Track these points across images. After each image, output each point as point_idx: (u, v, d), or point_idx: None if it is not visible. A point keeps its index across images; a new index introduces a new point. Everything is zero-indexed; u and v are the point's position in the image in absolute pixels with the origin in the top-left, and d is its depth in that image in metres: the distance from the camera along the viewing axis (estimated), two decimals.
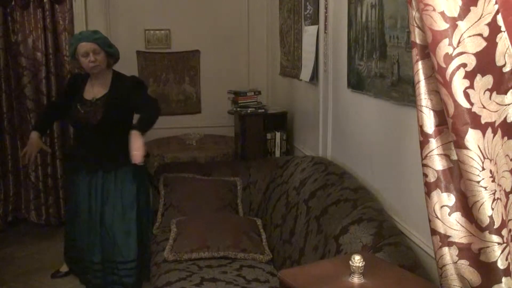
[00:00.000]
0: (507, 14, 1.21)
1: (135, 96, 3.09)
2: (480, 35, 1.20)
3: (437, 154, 1.32)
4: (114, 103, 3.10)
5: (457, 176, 1.31)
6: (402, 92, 2.12)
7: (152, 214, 3.38)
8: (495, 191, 1.24)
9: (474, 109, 1.22)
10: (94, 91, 3.16)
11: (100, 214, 3.16)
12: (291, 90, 4.05)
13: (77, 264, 3.36)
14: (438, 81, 1.24)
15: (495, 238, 1.25)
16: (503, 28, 1.21)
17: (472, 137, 1.21)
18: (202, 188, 3.40)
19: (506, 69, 1.23)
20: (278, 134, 3.89)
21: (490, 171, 1.23)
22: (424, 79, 1.32)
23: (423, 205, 1.39)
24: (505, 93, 1.24)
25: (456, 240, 1.32)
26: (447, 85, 1.21)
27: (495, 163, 1.25)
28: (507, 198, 1.30)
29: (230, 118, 4.36)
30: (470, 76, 1.21)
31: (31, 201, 4.47)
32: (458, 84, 1.21)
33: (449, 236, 1.33)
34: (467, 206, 1.29)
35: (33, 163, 4.07)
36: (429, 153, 1.33)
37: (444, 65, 1.21)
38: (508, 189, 1.30)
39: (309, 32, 3.42)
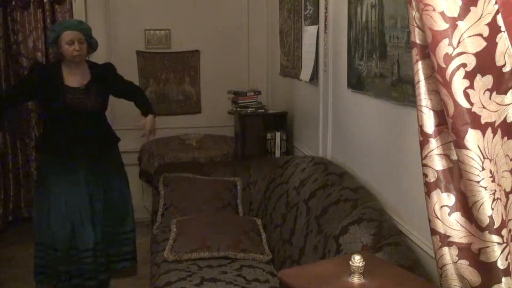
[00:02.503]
0: (507, 14, 1.21)
1: (119, 82, 3.39)
2: (480, 35, 1.20)
3: (437, 154, 1.32)
4: (102, 90, 3.26)
5: (457, 176, 1.31)
6: (402, 92, 2.12)
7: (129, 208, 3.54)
8: (495, 191, 1.24)
9: (474, 109, 1.22)
10: (78, 79, 3.21)
11: (93, 200, 3.27)
12: (291, 90, 4.05)
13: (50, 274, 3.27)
14: (438, 81, 1.24)
15: (495, 238, 1.25)
16: (503, 28, 1.21)
17: (472, 137, 1.22)
18: (202, 188, 3.40)
19: (506, 69, 1.23)
20: (278, 134, 3.88)
21: (490, 171, 1.23)
22: (424, 79, 1.32)
23: (423, 205, 1.39)
24: (505, 93, 1.25)
25: (456, 240, 1.32)
26: (447, 85, 1.21)
27: (495, 163, 1.25)
28: (507, 198, 1.30)
29: (230, 118, 4.36)
30: (470, 76, 1.21)
31: (32, 199, 4.47)
32: (458, 84, 1.21)
33: (449, 236, 1.33)
34: (467, 206, 1.29)
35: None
36: (429, 153, 1.33)
37: (444, 65, 1.21)
38: (508, 189, 1.30)
39: (309, 32, 3.42)
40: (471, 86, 1.21)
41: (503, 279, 1.26)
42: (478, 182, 1.22)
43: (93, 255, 3.22)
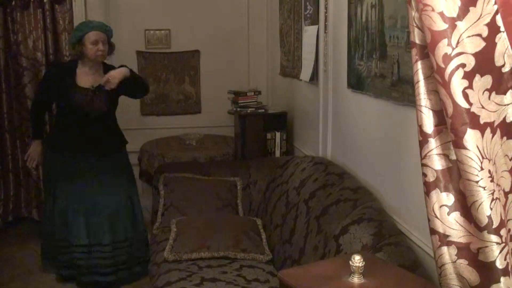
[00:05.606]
0: (506, 14, 1.21)
1: (129, 82, 3.26)
2: (479, 35, 1.20)
3: (436, 154, 1.33)
4: (113, 92, 3.23)
5: (456, 176, 1.31)
6: (402, 92, 2.13)
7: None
8: (494, 191, 1.24)
9: (473, 109, 1.22)
10: (90, 79, 3.25)
11: (94, 198, 3.30)
12: (291, 90, 4.05)
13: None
14: (437, 81, 1.24)
15: (493, 237, 1.25)
16: (502, 29, 1.21)
17: (471, 137, 1.22)
18: (202, 188, 3.41)
19: (505, 69, 1.23)
20: (278, 134, 3.89)
21: (489, 171, 1.23)
22: (424, 79, 1.32)
23: (423, 204, 1.39)
24: (504, 93, 1.25)
25: (455, 240, 1.32)
26: (446, 85, 1.21)
27: (494, 163, 1.25)
28: (506, 198, 1.30)
29: (230, 118, 4.36)
30: (469, 76, 1.21)
31: (32, 199, 4.47)
32: (457, 84, 1.21)
33: (448, 236, 1.33)
34: (466, 206, 1.29)
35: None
36: (428, 152, 1.33)
37: (443, 65, 1.21)
38: (507, 189, 1.30)
39: (309, 32, 3.42)
40: (470, 86, 1.21)
41: (502, 279, 1.26)
42: (477, 182, 1.23)
43: (87, 251, 3.29)
